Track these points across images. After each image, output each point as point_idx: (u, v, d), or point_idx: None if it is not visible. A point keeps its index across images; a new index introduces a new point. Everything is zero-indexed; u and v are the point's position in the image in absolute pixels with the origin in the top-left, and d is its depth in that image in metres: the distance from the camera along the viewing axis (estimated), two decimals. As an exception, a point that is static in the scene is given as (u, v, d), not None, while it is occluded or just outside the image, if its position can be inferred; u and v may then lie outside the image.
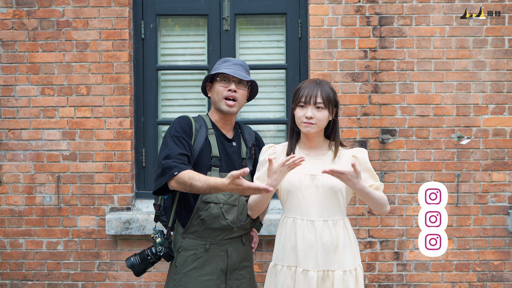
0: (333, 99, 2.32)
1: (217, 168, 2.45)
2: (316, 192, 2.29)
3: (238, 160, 2.54)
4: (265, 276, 3.57)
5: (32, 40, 3.58)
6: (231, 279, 2.48)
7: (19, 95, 3.60)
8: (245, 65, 2.58)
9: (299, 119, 2.31)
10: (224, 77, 2.49)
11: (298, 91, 2.32)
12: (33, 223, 3.62)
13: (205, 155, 2.45)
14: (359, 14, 3.54)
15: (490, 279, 3.58)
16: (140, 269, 2.55)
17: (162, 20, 3.82)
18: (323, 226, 2.28)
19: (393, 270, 3.59)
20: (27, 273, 3.64)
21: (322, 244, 2.27)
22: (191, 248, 2.46)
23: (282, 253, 2.35)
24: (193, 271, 2.44)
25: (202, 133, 2.47)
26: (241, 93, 2.51)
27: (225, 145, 2.52)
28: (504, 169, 3.55)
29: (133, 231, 3.50)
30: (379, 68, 3.55)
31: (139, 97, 3.73)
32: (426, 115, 3.55)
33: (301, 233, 2.29)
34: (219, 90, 2.48)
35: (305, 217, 2.30)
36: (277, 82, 3.82)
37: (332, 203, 2.31)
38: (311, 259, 2.27)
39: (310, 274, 2.26)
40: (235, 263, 2.50)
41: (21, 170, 3.61)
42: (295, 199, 2.32)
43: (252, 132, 2.68)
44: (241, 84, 2.51)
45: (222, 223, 2.42)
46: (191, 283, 2.43)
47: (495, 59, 3.54)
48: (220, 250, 2.47)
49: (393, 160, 3.56)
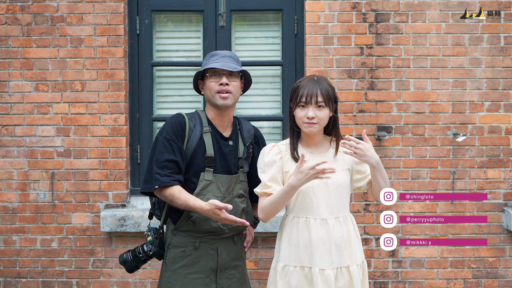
0: (333, 96, 2.29)
1: (211, 169, 2.40)
2: (326, 190, 2.28)
3: (234, 160, 2.48)
4: (260, 274, 3.58)
5: (26, 36, 3.55)
6: (221, 278, 2.44)
7: (12, 91, 3.56)
8: (234, 55, 2.50)
9: (300, 120, 2.27)
10: (214, 72, 2.41)
11: (297, 90, 2.28)
12: (27, 220, 3.59)
13: (199, 156, 2.40)
14: (356, 11, 3.53)
15: (485, 276, 3.59)
16: (132, 266, 2.54)
17: (158, 16, 3.80)
18: (335, 223, 2.29)
19: (389, 267, 3.59)
20: (21, 270, 3.61)
21: (335, 241, 2.27)
22: (180, 245, 2.43)
23: (294, 254, 2.30)
24: (182, 269, 2.41)
25: (197, 132, 2.41)
26: (234, 85, 2.43)
27: (221, 144, 2.45)
28: (499, 166, 3.56)
29: (128, 228, 3.49)
30: (375, 65, 3.54)
31: (134, 93, 3.71)
32: (422, 112, 3.56)
33: (315, 233, 2.27)
34: (210, 86, 2.42)
35: (317, 216, 2.29)
36: (273, 79, 3.81)
37: (341, 199, 2.32)
38: (326, 257, 2.27)
39: (327, 273, 2.25)
40: (226, 262, 2.46)
41: (14, 166, 3.58)
42: (307, 199, 2.30)
43: (251, 129, 2.59)
44: (233, 76, 2.43)
45: (213, 225, 2.39)
46: (179, 281, 2.41)
47: (491, 57, 3.54)
48: (210, 248, 2.43)
49: (389, 157, 3.56)
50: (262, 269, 3.59)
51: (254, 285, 3.61)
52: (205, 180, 2.39)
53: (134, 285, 3.61)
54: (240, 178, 2.48)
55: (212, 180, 2.40)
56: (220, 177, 2.41)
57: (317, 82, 2.27)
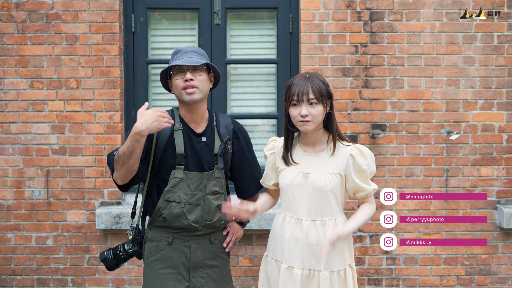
0: (326, 92, 2.24)
1: (181, 166, 2.37)
2: (307, 191, 2.26)
3: (209, 157, 2.42)
4: (255, 271, 3.60)
5: (20, 33, 3.54)
6: (195, 277, 2.41)
7: (7, 88, 3.56)
8: (199, 50, 2.45)
9: (294, 118, 2.25)
10: (178, 69, 2.37)
11: (289, 89, 2.26)
12: (22, 218, 3.59)
13: (169, 153, 2.38)
14: (350, 9, 3.55)
15: (477, 272, 3.62)
16: (112, 264, 2.53)
17: (153, 14, 3.80)
18: (310, 225, 2.26)
19: (383, 264, 3.62)
20: (16, 268, 3.61)
21: (308, 243, 2.25)
22: (155, 240, 2.43)
23: (273, 246, 2.37)
24: (155, 263, 2.41)
25: (167, 130, 2.37)
26: (200, 79, 2.37)
27: (193, 141, 2.41)
28: (492, 164, 3.59)
29: (123, 225, 3.49)
30: (370, 63, 3.56)
31: (129, 91, 3.71)
32: (416, 110, 3.58)
33: (289, 231, 2.28)
34: (176, 83, 2.37)
35: (294, 215, 2.29)
36: (268, 77, 3.82)
37: (322, 203, 2.26)
38: (297, 256, 2.26)
39: (294, 271, 2.25)
40: (199, 260, 2.42)
41: (9, 164, 3.57)
42: (286, 196, 2.31)
43: (229, 125, 2.51)
44: (198, 71, 2.37)
45: (184, 222, 2.37)
46: (151, 275, 2.41)
47: (484, 55, 3.57)
48: (183, 245, 2.41)
49: (383, 155, 3.58)
50: (257, 266, 3.60)
51: (249, 282, 3.63)
52: (175, 177, 2.36)
53: (129, 282, 3.61)
54: (215, 175, 2.42)
55: (183, 177, 2.37)
56: (190, 175, 2.38)
57: (309, 80, 2.24)
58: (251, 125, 3.78)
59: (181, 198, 2.36)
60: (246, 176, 2.57)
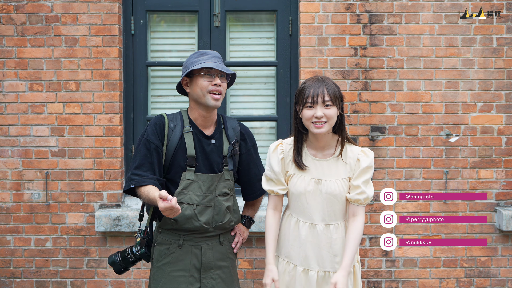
0: (339, 94, 2.27)
1: (192, 168, 2.39)
2: (320, 197, 2.30)
3: (218, 159, 2.45)
4: (255, 273, 3.60)
5: (20, 35, 3.54)
6: (206, 278, 2.43)
7: (7, 90, 3.56)
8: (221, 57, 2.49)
9: (308, 120, 2.25)
10: (207, 71, 2.38)
11: (303, 91, 2.26)
12: (21, 220, 3.58)
13: (180, 155, 2.39)
14: (350, 12, 3.55)
15: (477, 275, 3.62)
16: (120, 268, 2.53)
17: (152, 16, 3.80)
18: (325, 229, 2.31)
19: (382, 267, 3.62)
20: (15, 270, 3.61)
21: (324, 247, 2.31)
22: (165, 243, 2.44)
23: (284, 247, 2.38)
24: (166, 266, 2.42)
25: (177, 132, 2.40)
26: (224, 87, 2.42)
27: (203, 143, 2.43)
28: (491, 167, 3.59)
29: (123, 228, 3.49)
30: (369, 66, 3.57)
31: (128, 93, 3.71)
32: (415, 113, 3.58)
33: (304, 235, 2.32)
34: (203, 85, 2.37)
35: (307, 220, 2.33)
36: (267, 79, 3.82)
37: (335, 208, 2.32)
38: (313, 259, 2.31)
39: (310, 274, 2.32)
40: (210, 261, 2.44)
41: (8, 166, 3.57)
42: (299, 202, 2.34)
43: (237, 127, 2.54)
44: (223, 78, 2.42)
45: (195, 224, 2.38)
46: (163, 278, 2.41)
47: (483, 58, 3.57)
48: (194, 247, 2.42)
49: (382, 158, 3.58)
50: (257, 268, 3.60)
51: (249, 284, 3.63)
52: (186, 179, 2.38)
53: (129, 284, 3.61)
54: (224, 177, 2.45)
55: (194, 179, 2.39)
56: (201, 176, 2.40)
57: (323, 82, 2.26)
58: (251, 127, 3.78)
59: (193, 200, 2.37)
60: (253, 178, 2.60)
